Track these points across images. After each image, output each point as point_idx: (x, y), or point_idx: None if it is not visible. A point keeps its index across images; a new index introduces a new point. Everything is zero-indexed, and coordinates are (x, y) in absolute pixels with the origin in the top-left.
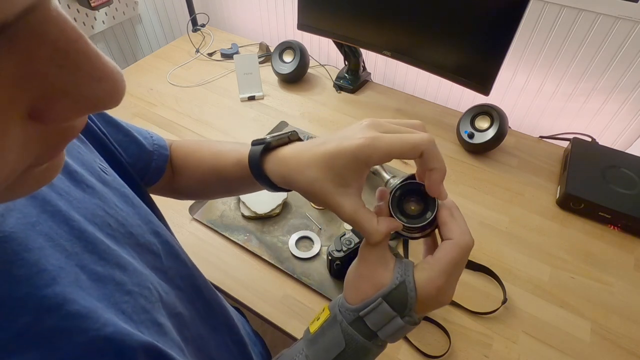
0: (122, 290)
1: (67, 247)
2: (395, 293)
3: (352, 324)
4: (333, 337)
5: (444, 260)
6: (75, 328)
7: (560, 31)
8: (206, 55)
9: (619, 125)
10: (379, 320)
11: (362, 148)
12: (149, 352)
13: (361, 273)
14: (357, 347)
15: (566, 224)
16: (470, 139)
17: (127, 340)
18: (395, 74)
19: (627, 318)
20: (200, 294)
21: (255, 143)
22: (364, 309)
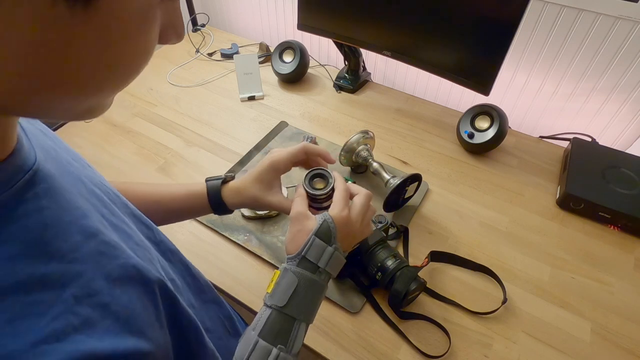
0: (132, 240)
1: (86, 196)
2: (321, 229)
3: (298, 264)
4: (286, 281)
5: (344, 201)
6: (111, 253)
7: (560, 31)
8: (206, 55)
9: (619, 125)
10: (316, 253)
11: (273, 160)
12: (161, 286)
13: (295, 230)
14: (306, 280)
15: (566, 223)
16: (470, 139)
17: (146, 272)
18: (395, 74)
19: (627, 318)
20: (189, 270)
21: (209, 180)
22: (304, 248)
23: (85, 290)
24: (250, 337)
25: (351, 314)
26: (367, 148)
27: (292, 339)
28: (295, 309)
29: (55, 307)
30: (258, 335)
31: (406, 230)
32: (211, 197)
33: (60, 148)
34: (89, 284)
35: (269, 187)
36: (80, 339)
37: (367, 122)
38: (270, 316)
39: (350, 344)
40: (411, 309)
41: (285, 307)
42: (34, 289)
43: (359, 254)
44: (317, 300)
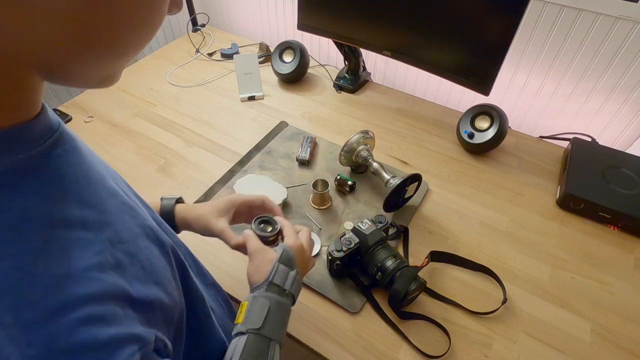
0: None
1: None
2: (283, 256)
3: (267, 290)
4: (258, 306)
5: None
6: (131, 212)
7: (560, 31)
8: (206, 55)
9: (619, 125)
10: (282, 277)
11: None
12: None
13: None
14: (276, 303)
15: (566, 223)
16: (470, 139)
17: (160, 235)
18: (395, 74)
19: (627, 318)
20: (191, 254)
21: (165, 198)
22: (270, 274)
23: (117, 237)
24: None
25: (351, 314)
26: (367, 148)
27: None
28: (270, 329)
29: (95, 245)
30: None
31: (406, 230)
32: (163, 214)
33: None
34: (119, 234)
35: (218, 213)
36: (116, 277)
37: (367, 122)
38: (247, 341)
39: (350, 344)
40: (411, 309)
41: (261, 329)
42: (76, 227)
43: (359, 254)
44: (286, 321)
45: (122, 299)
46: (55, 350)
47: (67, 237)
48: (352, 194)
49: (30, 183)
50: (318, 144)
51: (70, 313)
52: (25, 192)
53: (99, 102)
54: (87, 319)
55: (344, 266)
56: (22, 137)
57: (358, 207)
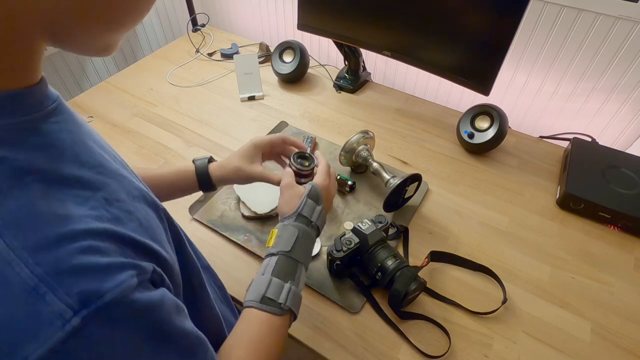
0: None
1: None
2: (311, 192)
3: (296, 220)
4: (288, 233)
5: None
6: (126, 178)
7: (560, 31)
8: (206, 55)
9: (619, 125)
10: (309, 210)
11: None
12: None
13: (288, 196)
14: (304, 231)
15: (566, 224)
16: (470, 139)
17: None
18: (395, 74)
19: (627, 318)
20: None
21: (197, 160)
22: (300, 207)
23: (113, 196)
24: (262, 279)
25: (351, 314)
26: (367, 148)
27: (297, 278)
28: (298, 253)
29: (91, 201)
30: (271, 275)
31: (406, 230)
32: (199, 174)
33: None
34: (116, 194)
35: (250, 160)
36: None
37: (367, 122)
38: (278, 260)
39: (350, 344)
40: (411, 309)
41: (291, 252)
42: (73, 185)
43: (359, 254)
44: (311, 248)
45: (120, 240)
46: (61, 270)
47: (65, 192)
48: (352, 194)
49: (32, 142)
50: (318, 144)
51: (71, 244)
52: (27, 149)
53: (99, 102)
54: (87, 249)
55: (344, 266)
56: (25, 101)
57: (358, 207)
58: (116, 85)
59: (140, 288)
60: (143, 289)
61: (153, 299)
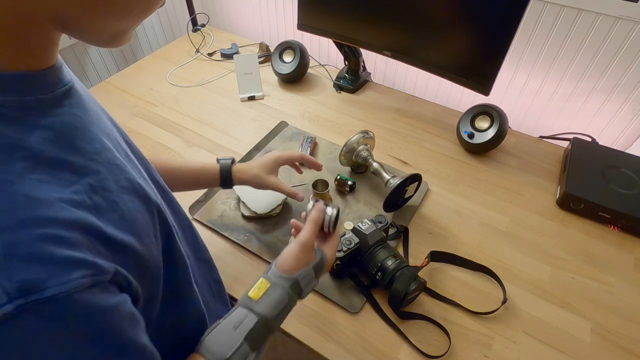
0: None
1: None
2: (317, 264)
3: (291, 286)
4: (279, 297)
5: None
6: (122, 168)
7: (560, 31)
8: (206, 55)
9: (619, 125)
10: (307, 282)
11: (278, 156)
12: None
13: (301, 256)
14: (291, 301)
15: (566, 224)
16: (470, 139)
17: (148, 193)
18: (395, 74)
19: (627, 318)
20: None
21: (221, 159)
22: (302, 275)
23: (101, 184)
24: (233, 336)
25: (351, 314)
26: (367, 148)
27: (263, 349)
28: (277, 322)
29: (75, 185)
30: (244, 339)
31: (406, 230)
32: (223, 173)
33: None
34: (104, 182)
35: (269, 171)
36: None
37: (367, 122)
38: (257, 323)
39: (350, 344)
40: (411, 309)
41: (274, 320)
42: (60, 168)
43: (359, 254)
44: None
45: (91, 232)
46: (13, 254)
47: (50, 173)
48: (352, 194)
49: (33, 122)
50: (318, 144)
51: (35, 229)
52: (26, 127)
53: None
54: (49, 237)
55: (344, 266)
56: (32, 82)
57: (358, 207)
58: (116, 85)
59: (93, 289)
60: (97, 291)
61: (104, 303)
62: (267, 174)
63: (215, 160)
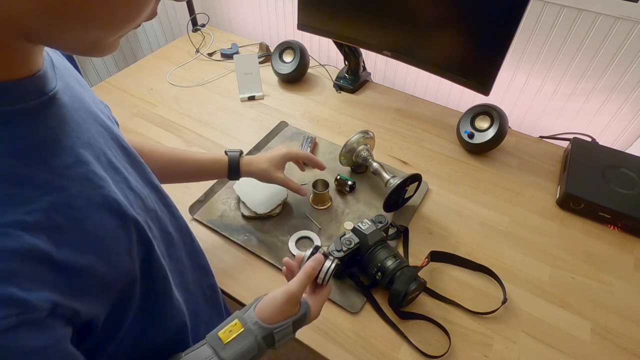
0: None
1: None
2: (299, 319)
3: (264, 337)
4: (249, 346)
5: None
6: (96, 182)
7: (560, 31)
8: (206, 55)
9: (619, 125)
10: (282, 336)
11: (286, 153)
12: (138, 227)
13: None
14: (261, 352)
15: (566, 224)
16: (470, 139)
17: (125, 209)
18: (395, 74)
19: (627, 318)
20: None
21: (230, 151)
22: (278, 328)
23: (65, 202)
24: None
25: (351, 314)
26: (367, 148)
27: None
28: None
29: (32, 204)
30: None
31: (406, 230)
32: (231, 165)
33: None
34: (70, 199)
35: (277, 167)
36: (40, 238)
37: (367, 122)
38: None
39: (350, 344)
40: (411, 309)
41: None
42: (17, 184)
43: (359, 254)
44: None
45: (36, 259)
46: None
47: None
48: (352, 194)
49: (3, 134)
50: (318, 144)
51: None
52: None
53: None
54: None
55: (344, 266)
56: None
57: (358, 207)
58: (116, 85)
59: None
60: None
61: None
62: (276, 169)
63: (224, 152)
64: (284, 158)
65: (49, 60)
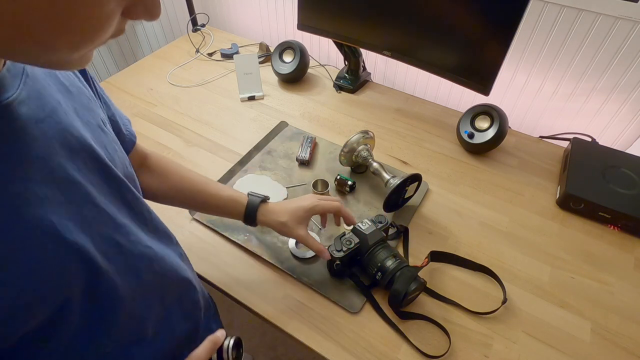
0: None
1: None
2: None
3: None
4: None
5: None
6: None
7: (560, 31)
8: (206, 55)
9: (619, 125)
10: None
11: (312, 205)
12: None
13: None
14: None
15: (566, 224)
16: (470, 139)
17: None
18: (395, 74)
19: (627, 318)
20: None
21: (252, 195)
22: None
23: None
24: None
25: (351, 314)
26: (367, 148)
27: None
28: None
29: None
30: None
31: (406, 230)
32: (249, 208)
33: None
34: None
35: (298, 222)
36: None
37: (367, 122)
38: None
39: (350, 344)
40: (411, 309)
41: None
42: None
43: (359, 254)
44: None
45: None
46: None
47: None
48: (352, 194)
49: None
50: (318, 144)
51: None
52: None
53: None
54: None
55: (344, 266)
56: None
57: (358, 207)
58: (116, 85)
59: None
60: None
61: None
62: (297, 224)
63: (247, 194)
64: (309, 212)
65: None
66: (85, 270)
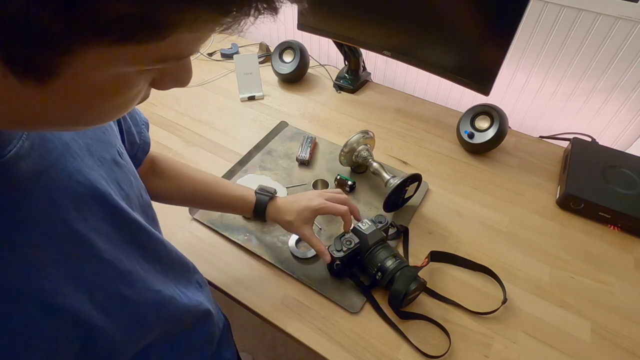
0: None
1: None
2: None
3: None
4: None
5: None
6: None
7: (560, 31)
8: (206, 55)
9: (619, 125)
10: None
11: (319, 206)
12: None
13: None
14: None
15: (566, 224)
16: (470, 139)
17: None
18: (395, 74)
19: (627, 318)
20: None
21: (260, 192)
22: None
23: None
24: None
25: (351, 314)
26: (367, 148)
27: None
28: None
29: None
30: None
31: (406, 230)
32: (257, 206)
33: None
34: None
35: (304, 221)
36: None
37: (367, 122)
38: None
39: (350, 344)
40: (411, 309)
41: None
42: None
43: (359, 254)
44: None
45: None
46: None
47: None
48: (352, 194)
49: None
50: (318, 144)
51: None
52: None
53: None
54: None
55: (344, 266)
56: None
57: (358, 207)
58: None
59: None
60: None
61: None
62: (302, 224)
63: (254, 191)
64: (315, 212)
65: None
66: (79, 336)
